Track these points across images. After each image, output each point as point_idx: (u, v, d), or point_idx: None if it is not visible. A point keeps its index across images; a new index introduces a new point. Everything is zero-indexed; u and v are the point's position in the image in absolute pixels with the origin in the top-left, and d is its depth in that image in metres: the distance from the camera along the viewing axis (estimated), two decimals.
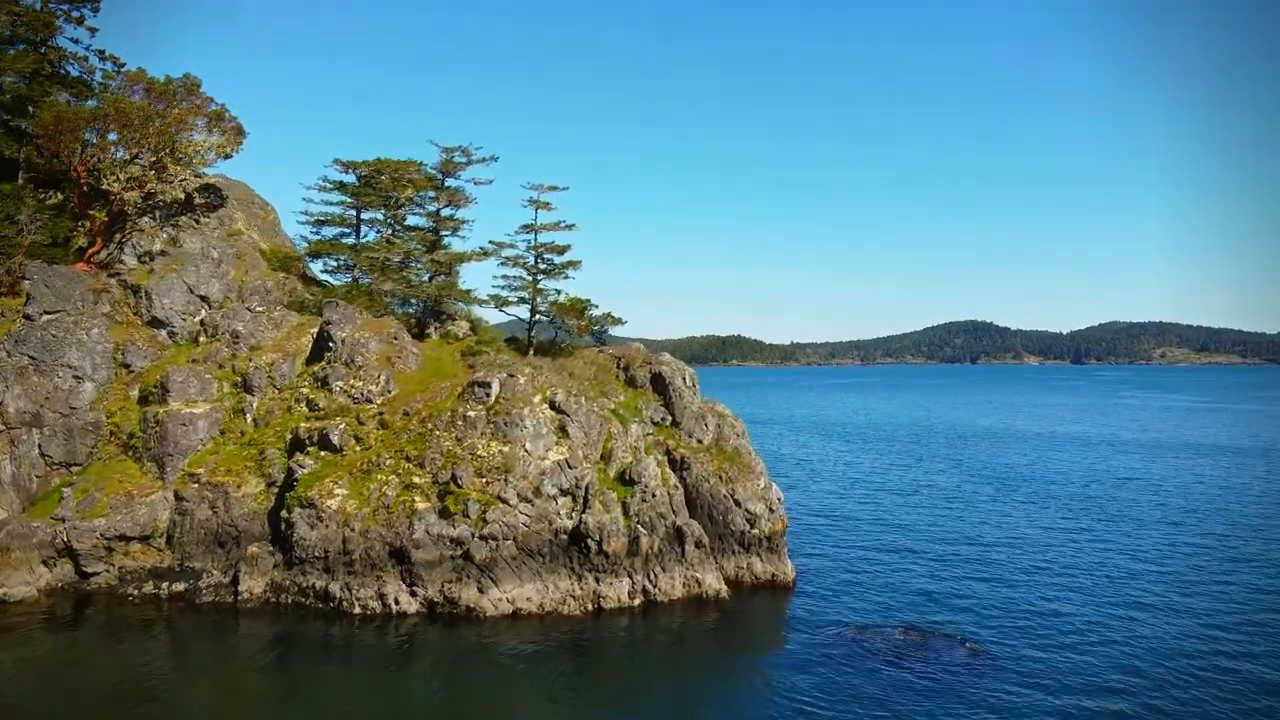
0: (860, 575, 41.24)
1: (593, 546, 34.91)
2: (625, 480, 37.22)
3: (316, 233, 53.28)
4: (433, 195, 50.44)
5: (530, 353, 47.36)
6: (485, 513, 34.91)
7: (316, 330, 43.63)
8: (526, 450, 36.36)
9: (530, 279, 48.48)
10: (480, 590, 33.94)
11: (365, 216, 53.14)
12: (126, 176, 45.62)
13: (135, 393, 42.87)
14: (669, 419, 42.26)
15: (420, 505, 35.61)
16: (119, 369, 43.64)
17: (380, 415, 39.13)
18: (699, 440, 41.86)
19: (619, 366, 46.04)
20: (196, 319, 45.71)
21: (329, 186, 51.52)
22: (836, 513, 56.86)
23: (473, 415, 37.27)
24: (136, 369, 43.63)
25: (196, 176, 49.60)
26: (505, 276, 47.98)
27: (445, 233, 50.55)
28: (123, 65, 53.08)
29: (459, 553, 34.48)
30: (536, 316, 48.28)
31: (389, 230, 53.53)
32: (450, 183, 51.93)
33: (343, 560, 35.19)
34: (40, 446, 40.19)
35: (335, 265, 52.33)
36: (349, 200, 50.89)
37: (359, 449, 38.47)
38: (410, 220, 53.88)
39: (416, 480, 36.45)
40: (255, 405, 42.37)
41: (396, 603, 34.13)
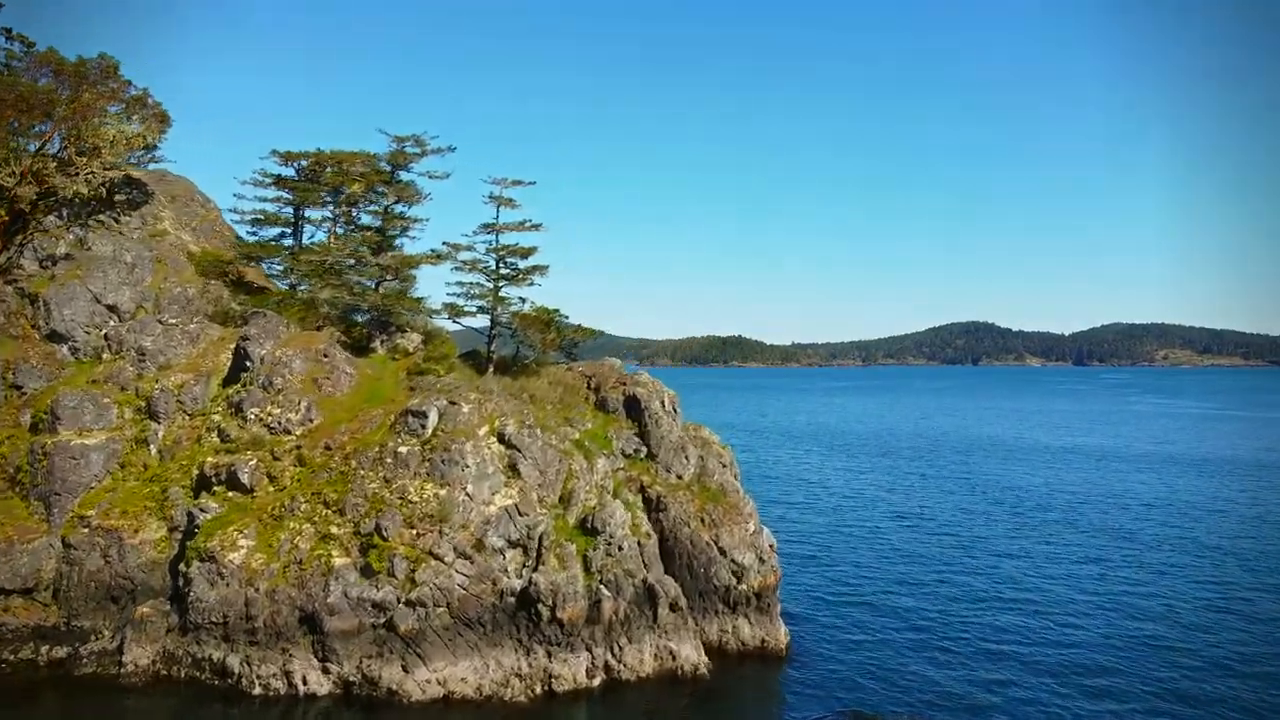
0: (862, 643, 34.85)
1: (544, 613, 28.87)
2: (587, 529, 31.19)
3: (255, 233, 47.38)
4: (382, 190, 44.40)
5: (490, 370, 41.36)
6: (414, 572, 28.89)
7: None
8: (468, 494, 30.34)
9: (490, 286, 42.48)
10: (405, 669, 27.91)
11: (313, 215, 47.23)
12: (21, 169, 39.61)
13: (27, 419, 36.87)
14: (644, 450, 36.25)
15: (338, 561, 29.61)
16: (9, 391, 37.67)
17: (298, 449, 33.14)
18: (678, 475, 35.84)
19: (589, 387, 40.07)
20: (101, 333, 39.68)
21: (265, 181, 45.57)
22: (835, 552, 50.63)
23: (404, 451, 31.26)
24: (29, 391, 37.64)
25: (110, 170, 43.56)
26: (461, 283, 41.97)
27: (394, 232, 44.47)
28: (32, 45, 47.03)
29: (381, 620, 28.47)
30: (497, 329, 42.26)
31: (337, 230, 47.57)
32: (402, 176, 45.95)
33: (244, 627, 29.19)
34: None
35: (281, 270, 46.40)
36: (288, 197, 44.90)
37: (272, 490, 32.48)
38: (364, 220, 47.96)
39: (335, 530, 30.43)
40: (161, 434, 36.38)
41: (305, 682, 28.12)
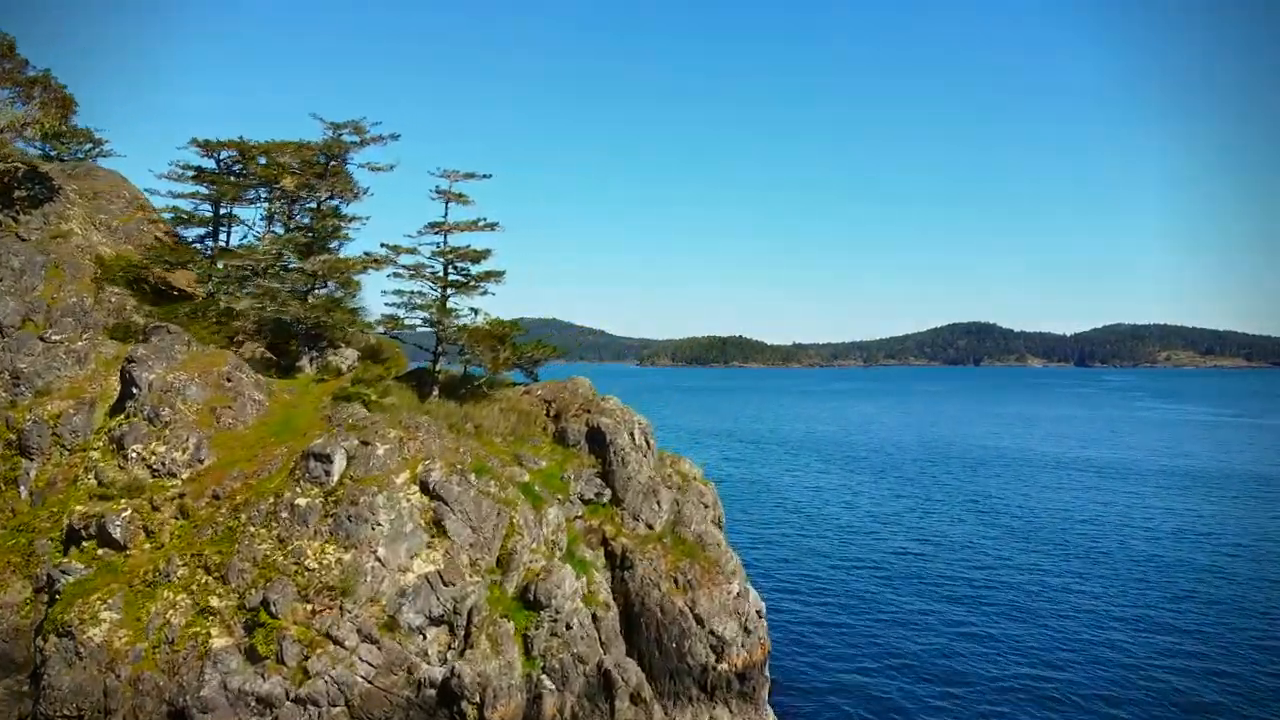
0: None
1: (470, 712, 23.03)
2: (529, 600, 25.32)
3: (178, 234, 41.64)
4: (313, 184, 38.55)
5: (434, 394, 35.51)
6: (308, 659, 23.07)
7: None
8: (379, 559, 24.49)
9: (437, 294, 36.66)
10: None
11: (248, 215, 41.56)
12: None
13: None
14: (608, 493, 30.40)
15: (217, 642, 23.76)
16: None
17: (182, 498, 27.31)
18: (648, 525, 29.99)
19: (549, 414, 34.22)
20: None
21: (183, 174, 39.78)
22: (832, 604, 44.79)
23: (303, 504, 25.39)
24: None
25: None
26: (401, 292, 36.14)
27: (327, 232, 38.59)
28: None
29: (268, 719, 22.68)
30: (443, 346, 36.42)
31: (274, 230, 41.80)
32: (350, 167, 40.23)
33: None
34: None
35: (197, 277, 40.65)
36: (205, 191, 39.08)
37: (149, 547, 26.65)
38: (306, 220, 42.15)
39: (215, 602, 24.58)
40: (33, 474, 30.55)
41: None
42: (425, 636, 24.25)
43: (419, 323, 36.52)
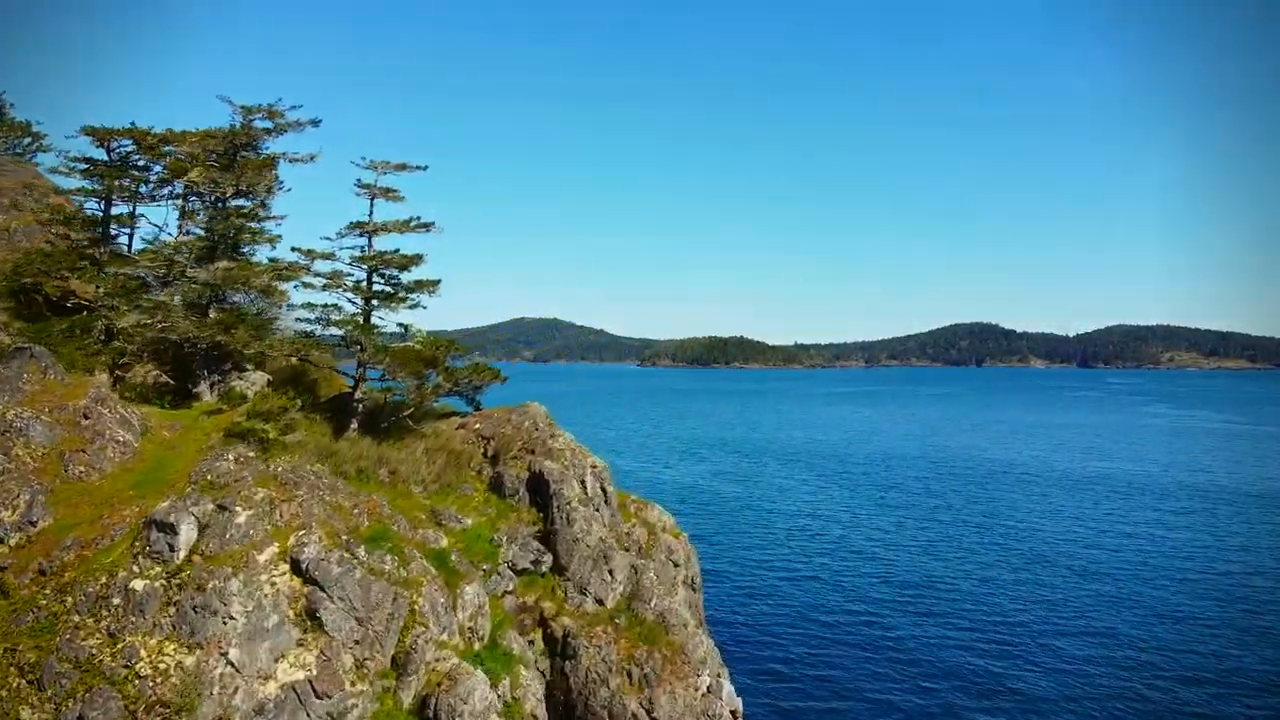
0: None
1: None
2: (430, 716, 19.61)
3: (66, 237, 35.95)
4: (216, 181, 32.83)
5: (352, 427, 29.81)
6: None
7: None
8: (231, 663, 18.82)
9: (359, 308, 31.00)
10: None
11: (157, 215, 35.80)
12: None
13: None
14: (548, 560, 24.70)
15: None
16: None
17: (3, 571, 21.62)
18: (598, 599, 24.29)
19: (485, 455, 28.54)
20: None
21: (70, 169, 34.11)
22: (830, 687, 39.01)
23: (140, 588, 19.71)
24: None
25: None
26: (312, 305, 30.47)
27: (232, 234, 32.84)
28: None
29: None
30: (362, 370, 30.71)
31: (187, 233, 36.12)
32: (249, 158, 34.51)
33: None
34: None
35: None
36: (90, 187, 33.40)
37: None
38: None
39: (26, 715, 18.94)
40: None
41: None
42: None
43: (338, 343, 30.88)
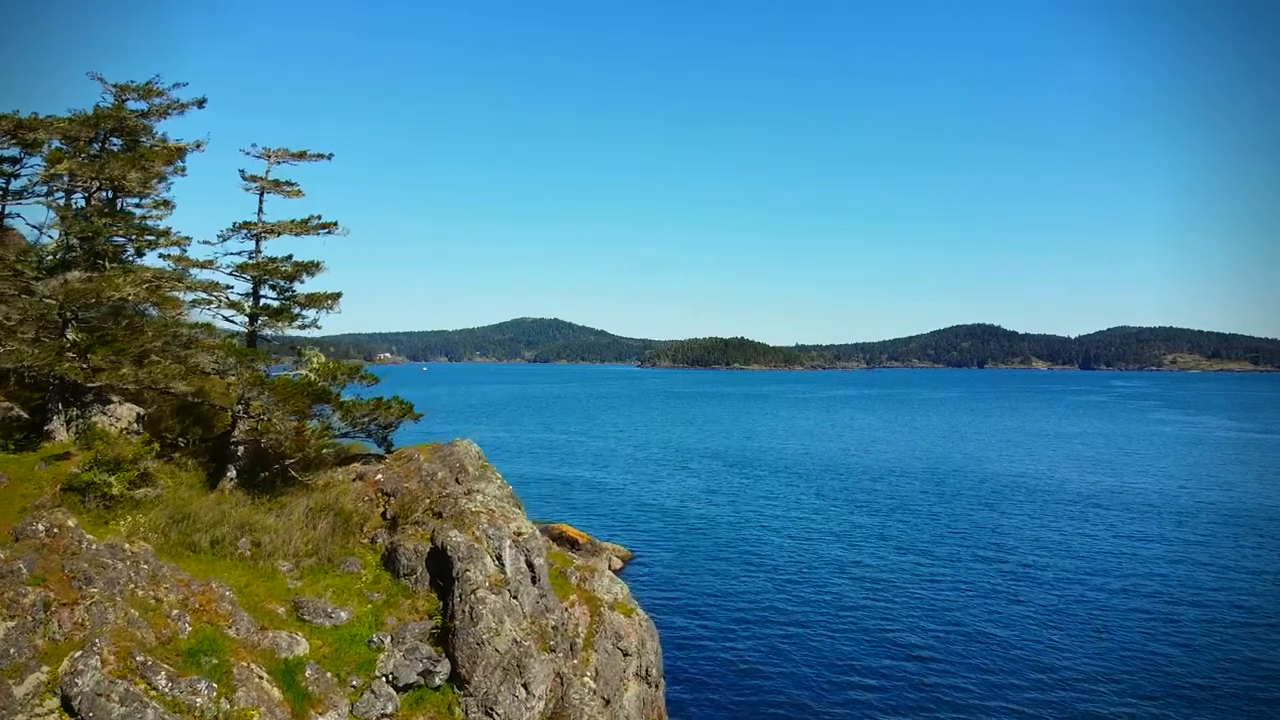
0: None
1: None
2: None
3: None
4: (75, 174, 27.11)
5: (230, 476, 24.09)
6: None
7: None
8: None
9: (243, 327, 25.31)
10: None
11: (10, 211, 30.15)
12: None
13: None
14: (444, 669, 18.92)
15: None
16: None
17: None
18: None
19: (384, 516, 22.80)
20: None
21: None
22: None
23: None
24: None
25: None
26: (177, 322, 24.72)
27: (90, 237, 27.10)
28: None
29: None
30: (243, 403, 24.96)
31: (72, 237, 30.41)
32: (119, 145, 28.80)
33: None
34: None
35: None
36: None
37: None
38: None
39: None
40: None
41: None
42: None
43: (211, 371, 25.14)
